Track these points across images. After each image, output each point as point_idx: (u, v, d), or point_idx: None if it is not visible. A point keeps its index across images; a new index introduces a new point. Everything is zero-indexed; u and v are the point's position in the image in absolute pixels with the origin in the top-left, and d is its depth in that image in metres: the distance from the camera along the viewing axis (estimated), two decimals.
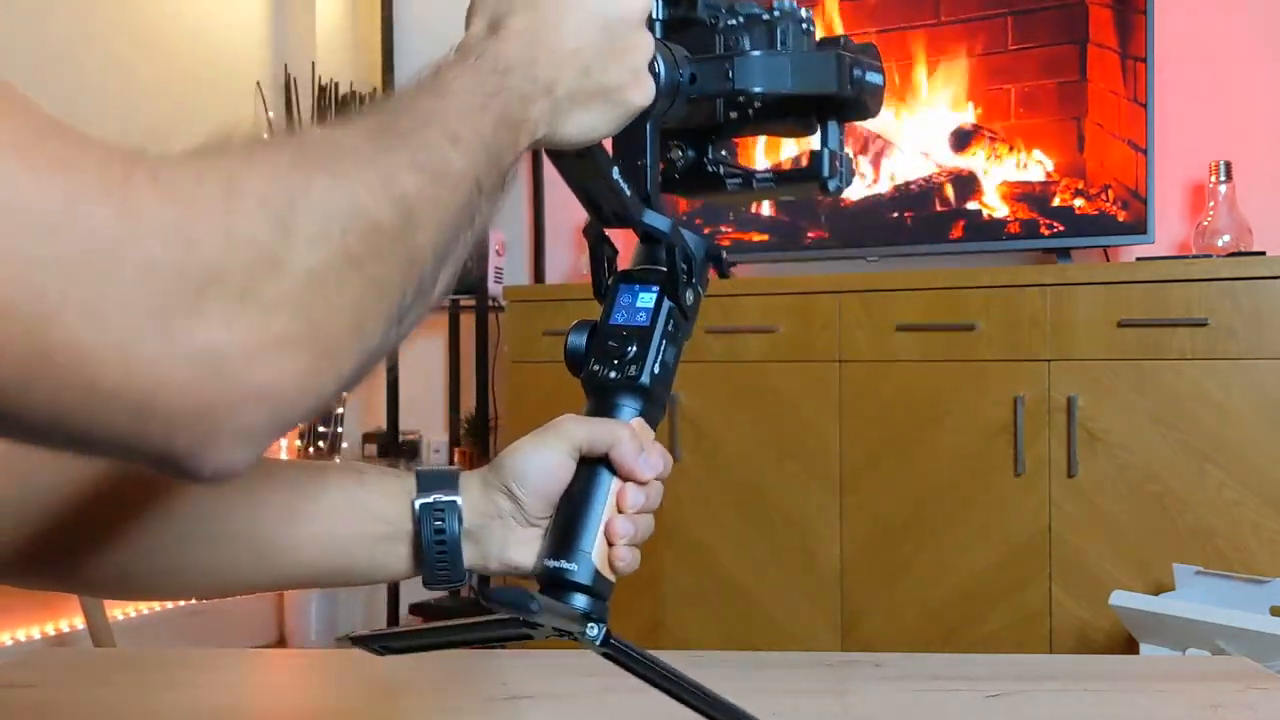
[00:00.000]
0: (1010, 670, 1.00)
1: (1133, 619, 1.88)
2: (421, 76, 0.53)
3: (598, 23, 0.58)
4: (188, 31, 3.02)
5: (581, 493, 0.63)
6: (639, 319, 0.66)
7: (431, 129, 0.48)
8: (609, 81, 0.59)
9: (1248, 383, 2.10)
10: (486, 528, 0.66)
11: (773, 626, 2.39)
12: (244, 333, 0.37)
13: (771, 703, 0.85)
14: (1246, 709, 0.85)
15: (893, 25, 2.59)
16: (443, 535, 0.64)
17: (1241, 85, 2.55)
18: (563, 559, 0.61)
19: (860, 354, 2.37)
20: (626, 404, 0.66)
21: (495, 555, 0.66)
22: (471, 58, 0.55)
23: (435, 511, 0.65)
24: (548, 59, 0.57)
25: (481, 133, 0.51)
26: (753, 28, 0.66)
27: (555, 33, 0.57)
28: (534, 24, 0.57)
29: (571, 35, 0.58)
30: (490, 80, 0.53)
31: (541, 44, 0.57)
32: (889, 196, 2.59)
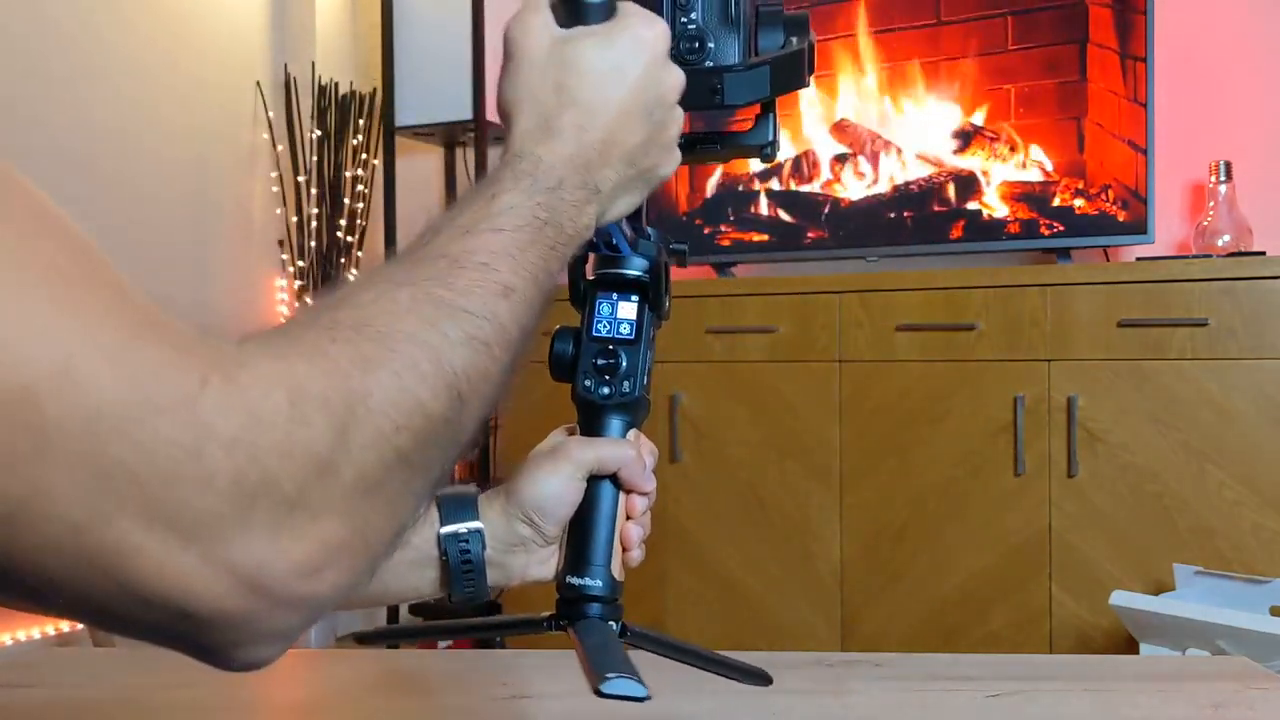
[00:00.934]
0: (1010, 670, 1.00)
1: (1133, 619, 1.88)
2: (478, 191, 0.54)
3: (641, 110, 0.59)
4: (188, 32, 3.01)
5: (593, 511, 0.67)
6: (622, 331, 0.66)
7: (485, 286, 0.49)
8: (648, 164, 0.61)
9: (1248, 383, 2.10)
10: (510, 554, 0.69)
11: (773, 626, 2.39)
12: (289, 547, 0.38)
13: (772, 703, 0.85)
14: (1246, 709, 0.85)
15: (893, 25, 2.59)
16: (469, 561, 0.68)
17: (1241, 85, 2.55)
18: (584, 576, 0.65)
19: (860, 354, 2.37)
20: (620, 418, 0.68)
21: (518, 575, 0.70)
22: (523, 171, 0.55)
23: (460, 540, 0.68)
24: (598, 157, 0.57)
25: (534, 272, 0.52)
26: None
27: (603, 128, 0.58)
28: (582, 120, 0.57)
29: (619, 128, 0.58)
30: (543, 201, 0.54)
31: (591, 143, 0.57)
32: (889, 196, 2.59)
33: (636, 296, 0.66)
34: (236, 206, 3.17)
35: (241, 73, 3.18)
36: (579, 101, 0.57)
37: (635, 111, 0.59)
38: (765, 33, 0.67)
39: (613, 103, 0.58)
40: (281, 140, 3.23)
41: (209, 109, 3.08)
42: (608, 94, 0.58)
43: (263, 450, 0.37)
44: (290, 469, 0.38)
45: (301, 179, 3.19)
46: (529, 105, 0.58)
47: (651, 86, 0.59)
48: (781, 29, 0.67)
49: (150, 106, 2.90)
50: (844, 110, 2.65)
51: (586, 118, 0.57)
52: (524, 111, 0.58)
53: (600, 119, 0.57)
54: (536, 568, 0.70)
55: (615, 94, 0.58)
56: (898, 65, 2.59)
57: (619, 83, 0.58)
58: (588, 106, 0.57)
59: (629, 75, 0.58)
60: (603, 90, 0.58)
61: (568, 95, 0.57)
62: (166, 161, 2.95)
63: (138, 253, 2.84)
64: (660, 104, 0.60)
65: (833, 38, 2.63)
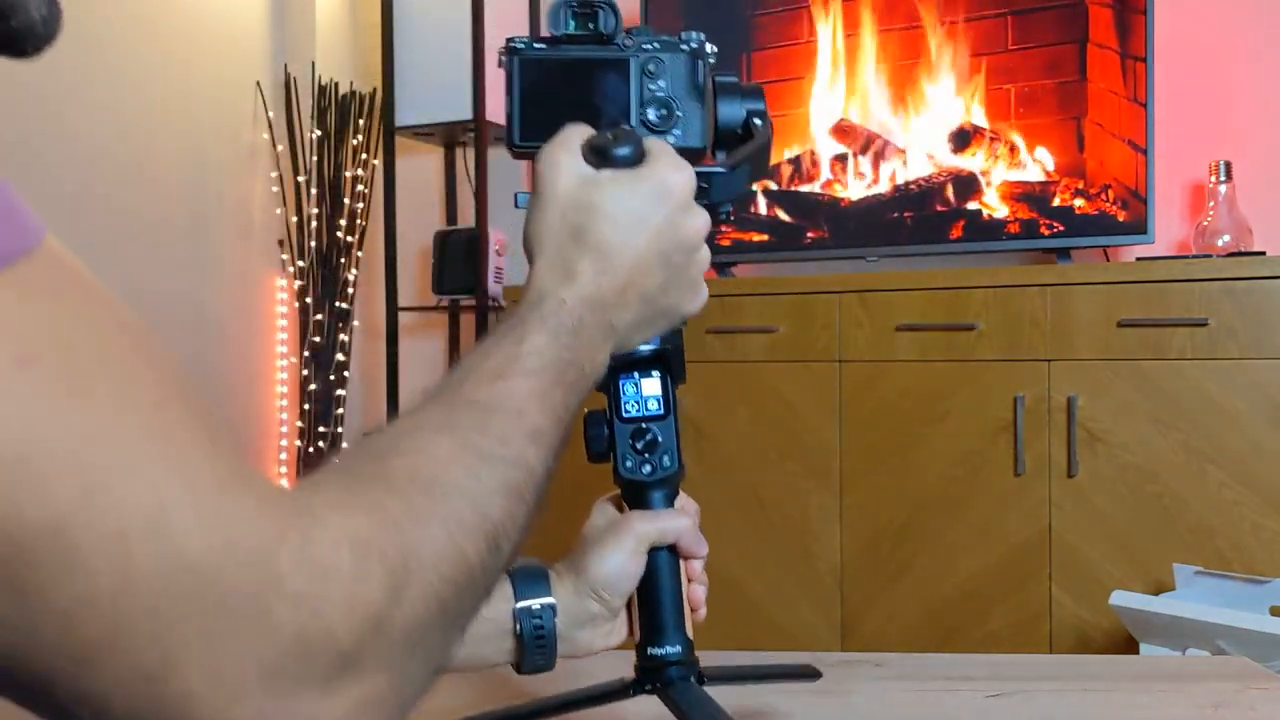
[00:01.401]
0: (1010, 670, 1.00)
1: (1133, 619, 1.88)
2: (506, 333, 0.57)
3: (659, 255, 0.61)
4: (188, 32, 3.01)
5: (658, 581, 0.70)
6: (651, 407, 0.68)
7: (518, 432, 0.52)
8: (668, 303, 0.63)
9: (1248, 383, 2.10)
10: (580, 628, 0.73)
11: (773, 626, 2.39)
12: (339, 701, 0.38)
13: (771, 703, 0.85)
14: (1246, 709, 0.85)
15: (893, 25, 2.59)
16: (542, 635, 0.71)
17: (1241, 85, 2.55)
18: (664, 645, 0.69)
19: (860, 354, 2.37)
20: (665, 491, 0.70)
21: (584, 648, 0.74)
22: (548, 313, 0.58)
23: (534, 615, 0.71)
24: (616, 299, 0.60)
25: (558, 413, 0.55)
26: (671, 57, 0.67)
27: (622, 272, 0.60)
28: (601, 265, 0.60)
29: (637, 272, 0.61)
30: (565, 344, 0.57)
31: (610, 286, 0.60)
32: (889, 196, 2.59)
33: (658, 371, 0.68)
34: (236, 206, 3.17)
35: (241, 73, 3.18)
36: (599, 246, 0.60)
37: (654, 256, 0.61)
38: (724, 102, 0.69)
39: (631, 248, 0.60)
40: (281, 140, 3.23)
41: (209, 109, 3.08)
42: (627, 240, 0.60)
43: (327, 605, 0.38)
44: (349, 624, 0.39)
45: (301, 179, 3.19)
46: (551, 245, 0.61)
47: (672, 232, 0.61)
48: (739, 99, 0.69)
49: (150, 106, 2.90)
50: (844, 110, 2.65)
51: (605, 262, 0.60)
52: (546, 251, 0.61)
53: (619, 263, 0.60)
54: (602, 639, 0.74)
55: (635, 240, 0.60)
56: (898, 65, 2.59)
57: (639, 229, 0.60)
58: (607, 252, 0.60)
59: (650, 222, 0.61)
60: (623, 236, 0.60)
61: (588, 240, 0.60)
62: (166, 161, 2.95)
63: (138, 252, 2.84)
64: (680, 249, 0.62)
65: (833, 37, 2.63)
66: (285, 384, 3.30)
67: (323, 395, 3.17)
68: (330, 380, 3.18)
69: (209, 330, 3.07)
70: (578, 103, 0.66)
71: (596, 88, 0.66)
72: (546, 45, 0.66)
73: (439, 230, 3.07)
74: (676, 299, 0.63)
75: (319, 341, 3.17)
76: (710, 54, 0.68)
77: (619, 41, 0.66)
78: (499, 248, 2.99)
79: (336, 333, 3.19)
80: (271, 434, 3.29)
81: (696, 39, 0.67)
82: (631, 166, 0.61)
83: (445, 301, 3.10)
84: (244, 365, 3.20)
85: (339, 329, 3.19)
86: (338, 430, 3.21)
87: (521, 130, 0.67)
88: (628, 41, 0.67)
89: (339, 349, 3.19)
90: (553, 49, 0.66)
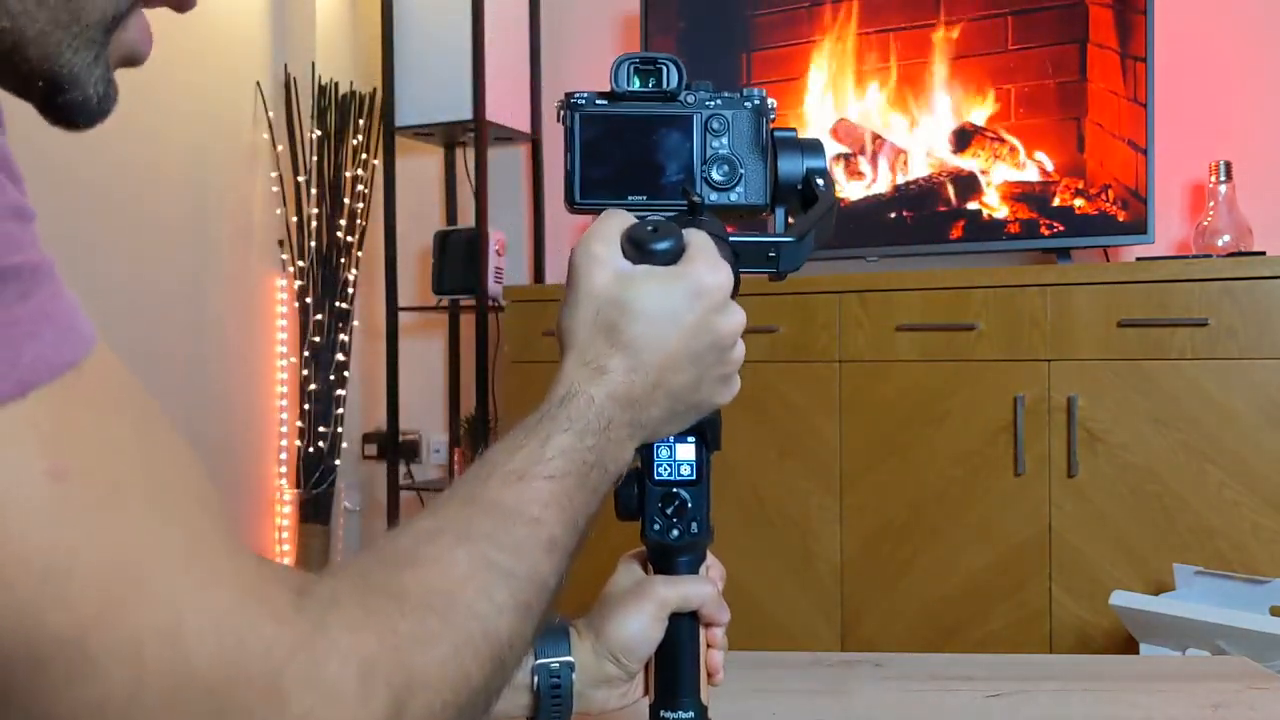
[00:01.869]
0: (1010, 670, 1.00)
1: (1133, 619, 1.88)
2: (532, 431, 0.57)
3: (691, 355, 0.61)
4: (188, 32, 3.01)
5: (677, 645, 0.70)
6: (684, 472, 0.67)
7: (534, 543, 0.53)
8: (697, 399, 0.63)
9: (1248, 383, 2.10)
10: (595, 688, 0.73)
11: (773, 626, 2.39)
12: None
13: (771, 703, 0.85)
14: (1246, 709, 0.85)
15: (893, 25, 2.59)
16: (558, 693, 0.71)
17: (1241, 85, 2.55)
18: (678, 709, 0.69)
19: (860, 354, 2.37)
20: (691, 557, 0.71)
21: (598, 706, 0.73)
22: (577, 412, 0.58)
23: (553, 673, 0.71)
24: (645, 397, 0.60)
25: (577, 519, 0.56)
26: (734, 113, 0.66)
27: (653, 370, 0.60)
28: (632, 363, 0.59)
29: (668, 371, 0.60)
30: (590, 445, 0.58)
31: (640, 384, 0.60)
32: (889, 196, 2.59)
33: (694, 438, 0.67)
34: (236, 206, 3.17)
35: (241, 73, 3.18)
36: (631, 344, 0.59)
37: (685, 356, 0.60)
38: (785, 158, 0.68)
39: (662, 347, 0.60)
40: (281, 140, 3.23)
41: (209, 109, 3.08)
42: (660, 338, 0.60)
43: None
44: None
45: (301, 179, 3.19)
46: (584, 340, 0.60)
47: (706, 332, 0.61)
48: (799, 155, 0.68)
49: (150, 106, 2.90)
50: (844, 111, 2.65)
51: (636, 359, 0.59)
52: (578, 345, 0.61)
53: (649, 361, 0.60)
54: (617, 699, 0.74)
55: (667, 338, 0.60)
56: (898, 65, 2.59)
57: (672, 328, 0.60)
58: (638, 349, 0.59)
59: (684, 321, 0.60)
60: (655, 334, 0.59)
61: (621, 337, 0.59)
62: (167, 161, 2.95)
63: (138, 252, 2.84)
64: (714, 348, 0.61)
65: (833, 37, 2.63)
66: (285, 384, 3.29)
67: (323, 395, 3.17)
68: (330, 380, 3.18)
69: (209, 330, 3.07)
70: (639, 160, 0.66)
71: (659, 145, 0.66)
72: (608, 101, 0.66)
73: (439, 230, 3.07)
74: (707, 394, 0.63)
75: (319, 341, 3.17)
76: (771, 109, 0.67)
77: (682, 98, 0.66)
78: (499, 248, 2.99)
79: (336, 333, 3.19)
80: (271, 434, 3.29)
81: (758, 95, 0.66)
82: (670, 263, 0.60)
83: (445, 301, 3.10)
84: (244, 365, 3.20)
85: (339, 329, 3.19)
86: (338, 430, 3.21)
87: (582, 188, 0.66)
88: (690, 98, 0.66)
89: (339, 349, 3.19)
90: (614, 105, 0.65)
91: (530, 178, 3.20)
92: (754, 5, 2.70)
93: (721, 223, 0.65)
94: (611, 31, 3.11)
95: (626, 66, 0.65)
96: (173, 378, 2.92)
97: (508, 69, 3.01)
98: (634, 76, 0.65)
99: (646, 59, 0.65)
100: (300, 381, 3.20)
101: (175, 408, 2.86)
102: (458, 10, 2.88)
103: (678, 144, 0.66)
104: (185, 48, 3.00)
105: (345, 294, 3.19)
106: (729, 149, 0.66)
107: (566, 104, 0.66)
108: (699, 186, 0.65)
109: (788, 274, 0.68)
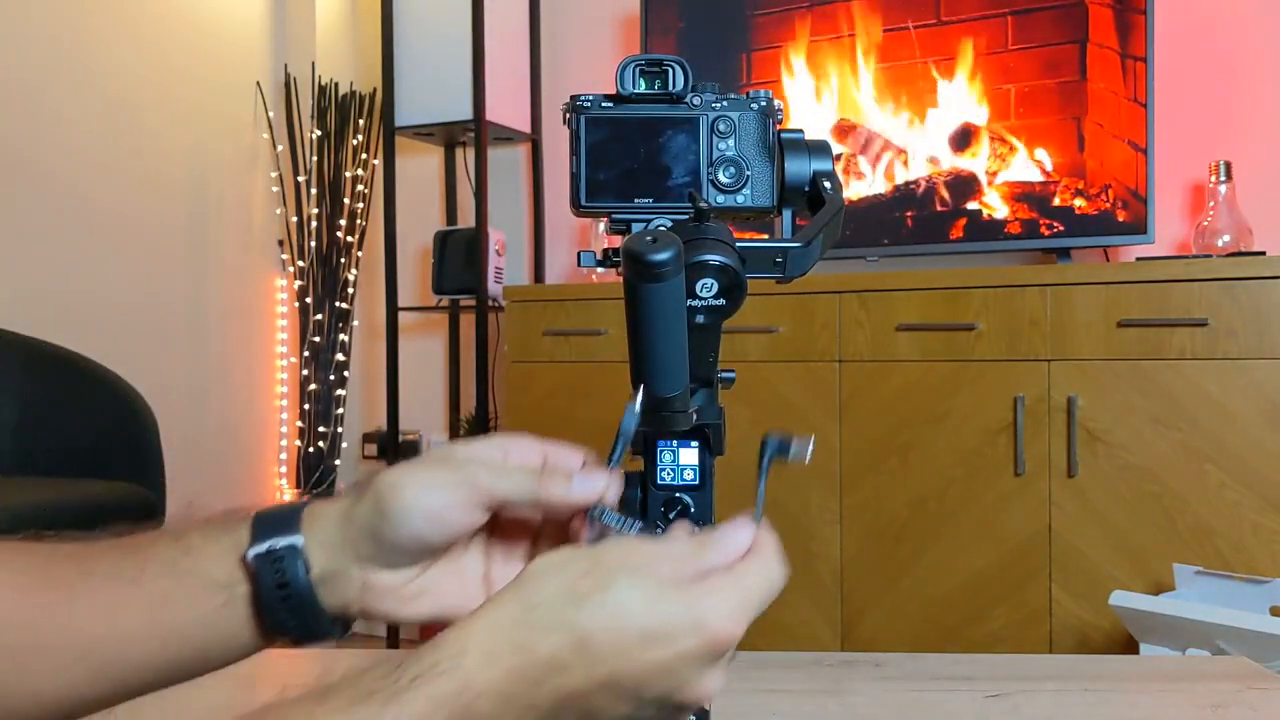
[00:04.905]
0: (1010, 670, 1.00)
1: (1133, 619, 1.88)
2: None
3: (638, 696, 0.49)
4: (188, 31, 3.01)
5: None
6: (686, 477, 0.67)
7: None
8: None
9: (1248, 383, 2.10)
10: (355, 573, 0.56)
11: (773, 626, 2.39)
12: None
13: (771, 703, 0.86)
14: (1246, 709, 0.85)
15: (893, 25, 2.59)
16: (286, 589, 0.55)
17: (1241, 85, 2.55)
18: None
19: (860, 354, 2.37)
20: None
21: (372, 606, 0.57)
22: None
23: (273, 562, 0.55)
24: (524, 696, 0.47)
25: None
26: (741, 115, 0.66)
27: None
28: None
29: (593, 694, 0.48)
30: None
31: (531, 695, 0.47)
32: (889, 196, 2.59)
33: (697, 443, 0.67)
34: (236, 206, 3.17)
35: (241, 73, 3.18)
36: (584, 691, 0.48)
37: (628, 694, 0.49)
38: (792, 160, 0.67)
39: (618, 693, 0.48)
40: (281, 140, 3.23)
41: (209, 109, 3.08)
42: (616, 660, 0.48)
43: None
44: None
45: (301, 179, 3.19)
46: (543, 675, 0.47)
47: (675, 685, 0.49)
48: (806, 157, 0.67)
49: (151, 107, 2.90)
50: (844, 110, 2.65)
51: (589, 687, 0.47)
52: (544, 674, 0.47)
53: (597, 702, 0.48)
54: (394, 601, 0.57)
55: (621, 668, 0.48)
56: (898, 65, 2.59)
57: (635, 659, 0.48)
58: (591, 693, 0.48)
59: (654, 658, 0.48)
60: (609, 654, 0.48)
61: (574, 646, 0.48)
62: (167, 161, 2.95)
63: (138, 252, 2.84)
64: (668, 708, 0.50)
65: (833, 37, 2.63)
66: (285, 384, 3.29)
67: (323, 395, 3.17)
68: (330, 380, 3.18)
69: (209, 330, 3.07)
70: (645, 163, 0.65)
71: (665, 147, 0.65)
72: (613, 103, 0.65)
73: (439, 230, 3.07)
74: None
75: (319, 341, 3.17)
76: (778, 110, 0.67)
77: (688, 100, 0.65)
78: (499, 247, 2.99)
79: (336, 333, 3.19)
80: (271, 434, 3.29)
81: (765, 96, 0.66)
82: (670, 276, 0.55)
83: (445, 301, 3.10)
84: (244, 365, 3.19)
85: (339, 329, 3.19)
86: (338, 430, 3.22)
87: (588, 191, 0.65)
88: (696, 100, 0.65)
89: (339, 349, 3.19)
90: (619, 107, 0.65)
91: (530, 178, 3.20)
92: (754, 5, 2.70)
93: (728, 228, 0.65)
94: (611, 32, 3.11)
95: (632, 68, 0.65)
96: (173, 377, 2.92)
97: (508, 69, 3.01)
98: (640, 78, 0.65)
99: (652, 61, 0.65)
100: (300, 381, 3.20)
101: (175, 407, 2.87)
102: (458, 10, 2.89)
103: (684, 146, 0.65)
104: (185, 48, 3.00)
105: (345, 294, 3.19)
106: (735, 151, 0.66)
107: (572, 106, 0.66)
108: (705, 189, 0.65)
109: (794, 279, 0.67)
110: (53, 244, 2.61)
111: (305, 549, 0.55)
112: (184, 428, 2.87)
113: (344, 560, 0.56)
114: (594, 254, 0.66)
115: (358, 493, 0.56)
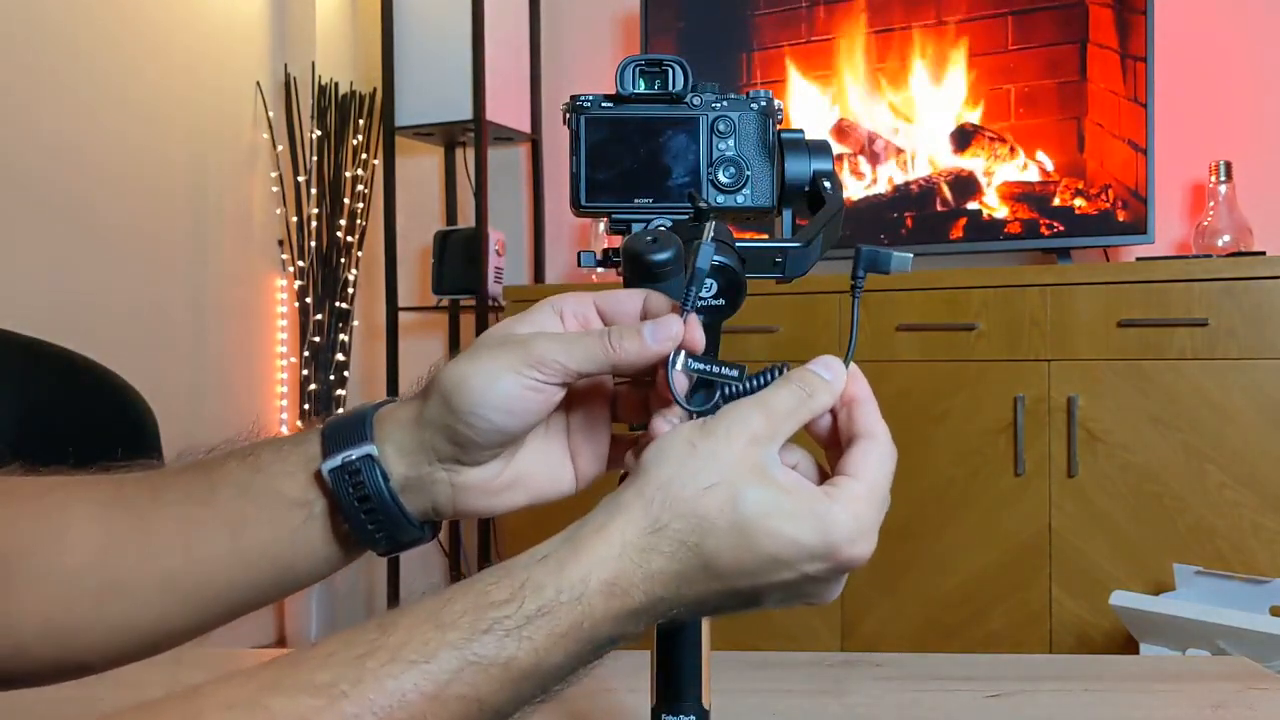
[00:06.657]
0: (1010, 670, 1.00)
1: (1133, 619, 1.88)
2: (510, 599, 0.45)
3: (760, 593, 0.51)
4: (188, 31, 3.01)
5: (678, 643, 0.64)
6: None
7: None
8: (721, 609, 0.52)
9: (1248, 383, 2.10)
10: (436, 473, 0.54)
11: (773, 626, 2.39)
12: None
13: (771, 703, 0.85)
14: (1246, 709, 0.85)
15: (893, 25, 2.59)
16: (367, 502, 0.53)
17: (1241, 85, 2.55)
18: (679, 713, 0.64)
19: (860, 354, 2.36)
20: None
21: (461, 504, 0.55)
22: (561, 619, 0.46)
23: (349, 475, 0.53)
24: (653, 608, 0.48)
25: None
26: (741, 115, 0.66)
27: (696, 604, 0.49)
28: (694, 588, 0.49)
29: (719, 597, 0.50)
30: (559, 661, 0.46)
31: (666, 599, 0.48)
32: (889, 196, 2.59)
33: None
34: (236, 206, 3.17)
35: (241, 73, 3.18)
36: (685, 579, 0.48)
37: (752, 594, 0.51)
38: (791, 160, 0.67)
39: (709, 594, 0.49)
40: (281, 140, 3.23)
41: (209, 109, 3.08)
42: (741, 575, 0.50)
43: None
44: None
45: (301, 179, 3.19)
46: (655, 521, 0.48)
47: (799, 590, 0.52)
48: (806, 157, 0.67)
49: (150, 106, 2.90)
50: (844, 110, 2.65)
51: (685, 589, 0.48)
52: (651, 523, 0.48)
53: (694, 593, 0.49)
54: (479, 496, 0.55)
55: (749, 579, 0.50)
56: (898, 65, 2.59)
57: (764, 574, 0.50)
58: (691, 585, 0.48)
59: (783, 575, 0.51)
60: (740, 569, 0.49)
61: (704, 561, 0.48)
62: (166, 161, 2.95)
63: (139, 252, 2.84)
64: (792, 595, 0.52)
65: (833, 37, 2.63)
66: (285, 384, 3.29)
67: (323, 395, 3.17)
68: (330, 380, 3.18)
69: (209, 330, 3.07)
70: (646, 163, 0.65)
71: (665, 147, 0.65)
72: (613, 103, 0.65)
73: (439, 230, 3.07)
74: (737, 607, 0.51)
75: (319, 341, 3.17)
76: (778, 110, 0.67)
77: (688, 100, 0.65)
78: (499, 247, 2.99)
79: (336, 333, 3.19)
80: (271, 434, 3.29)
81: (765, 96, 0.66)
82: (668, 276, 0.56)
83: (445, 301, 3.10)
84: (244, 365, 3.20)
85: (339, 329, 3.19)
86: None
87: (588, 191, 0.65)
88: (696, 100, 0.65)
89: (339, 349, 3.19)
90: (620, 107, 0.65)
91: (530, 178, 3.20)
92: (754, 5, 2.70)
93: (728, 228, 0.65)
94: (611, 32, 3.11)
95: (632, 68, 0.65)
96: (173, 377, 2.92)
97: (508, 69, 3.01)
98: (640, 78, 0.65)
99: (652, 61, 0.65)
100: (300, 381, 3.20)
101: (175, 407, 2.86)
102: (458, 10, 2.88)
103: (684, 146, 0.65)
104: (185, 48, 3.00)
105: (345, 294, 3.19)
106: (735, 151, 0.66)
107: (572, 106, 0.66)
108: (705, 189, 0.65)
109: (794, 279, 0.67)
110: (52, 244, 2.62)
111: (381, 457, 0.53)
112: (184, 428, 2.87)
113: (425, 465, 0.53)
114: (594, 254, 0.66)
115: (424, 393, 0.53)
